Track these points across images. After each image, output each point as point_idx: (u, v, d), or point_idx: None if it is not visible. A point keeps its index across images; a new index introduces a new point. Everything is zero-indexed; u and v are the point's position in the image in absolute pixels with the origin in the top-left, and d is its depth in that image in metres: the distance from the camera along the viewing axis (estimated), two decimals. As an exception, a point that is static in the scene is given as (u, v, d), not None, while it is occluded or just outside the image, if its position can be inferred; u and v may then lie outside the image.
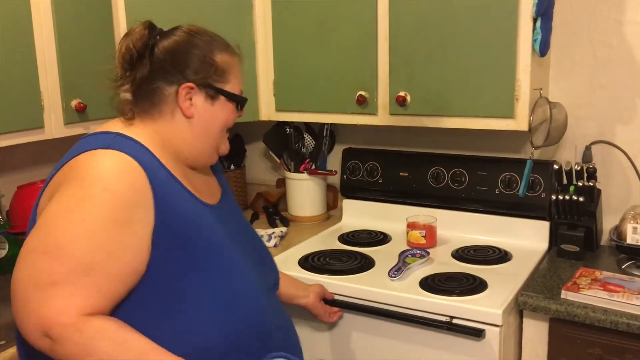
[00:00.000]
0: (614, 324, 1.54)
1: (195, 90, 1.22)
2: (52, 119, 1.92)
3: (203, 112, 1.24)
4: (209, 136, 1.26)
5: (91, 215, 1.03)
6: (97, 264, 1.02)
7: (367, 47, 2.03)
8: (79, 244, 1.02)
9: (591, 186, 1.88)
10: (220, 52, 1.26)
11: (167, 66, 1.20)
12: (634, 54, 1.96)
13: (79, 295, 1.00)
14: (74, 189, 1.06)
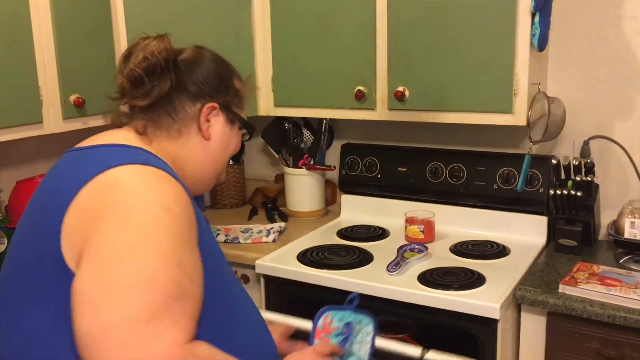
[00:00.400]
0: (612, 317, 1.55)
1: (217, 111, 1.18)
2: (51, 114, 1.92)
3: (221, 135, 1.20)
4: (219, 161, 1.22)
5: (165, 240, 0.93)
6: (185, 289, 0.93)
7: (366, 43, 2.03)
8: (166, 272, 0.91)
9: (589, 181, 1.89)
10: (238, 79, 1.25)
11: (191, 83, 1.16)
12: (632, 49, 1.97)
13: (178, 325, 0.90)
14: (134, 213, 0.94)
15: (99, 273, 0.89)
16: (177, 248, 0.93)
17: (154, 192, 0.97)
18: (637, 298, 1.55)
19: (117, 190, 0.96)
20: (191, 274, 0.95)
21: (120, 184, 0.97)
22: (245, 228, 2.31)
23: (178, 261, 0.93)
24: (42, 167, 2.22)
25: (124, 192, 0.95)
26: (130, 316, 0.87)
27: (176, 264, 0.92)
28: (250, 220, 2.48)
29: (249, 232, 2.25)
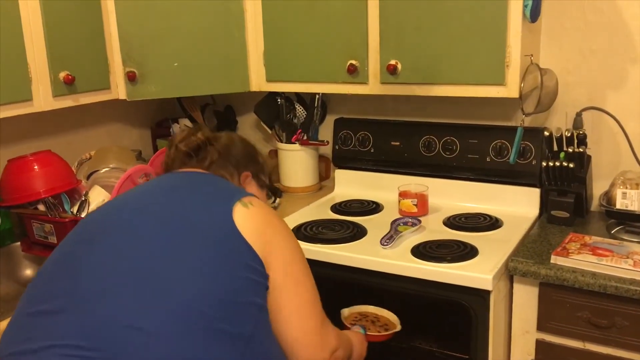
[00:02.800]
0: (603, 287, 1.56)
1: (250, 179, 1.50)
2: (41, 91, 1.90)
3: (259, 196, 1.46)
4: None
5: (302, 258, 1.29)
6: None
7: (357, 15, 2.01)
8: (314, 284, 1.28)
9: (581, 152, 1.89)
10: (261, 156, 1.58)
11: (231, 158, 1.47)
12: (624, 19, 1.95)
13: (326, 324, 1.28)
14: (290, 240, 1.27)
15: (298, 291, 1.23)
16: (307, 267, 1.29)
17: (284, 222, 1.31)
18: (628, 268, 1.57)
19: (281, 220, 1.29)
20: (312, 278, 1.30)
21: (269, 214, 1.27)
22: (239, 204, 2.31)
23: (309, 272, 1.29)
24: (33, 145, 2.21)
25: (277, 223, 1.27)
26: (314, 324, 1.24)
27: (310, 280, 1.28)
28: (244, 196, 2.48)
29: (243, 208, 2.25)
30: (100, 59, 2.10)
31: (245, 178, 1.50)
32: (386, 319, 1.77)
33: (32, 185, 1.97)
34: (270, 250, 1.19)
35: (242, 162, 1.50)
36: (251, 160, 1.53)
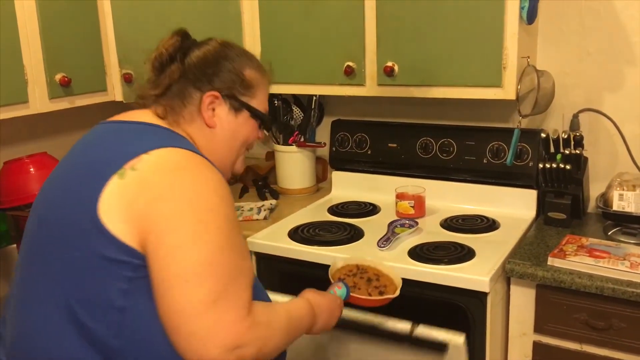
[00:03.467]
0: (600, 289, 1.56)
1: (220, 100, 1.22)
2: (37, 93, 1.90)
3: (226, 124, 1.24)
4: (229, 150, 1.26)
5: (222, 225, 1.03)
6: (240, 267, 1.04)
7: (354, 17, 2.01)
8: (224, 256, 1.02)
9: (578, 154, 1.89)
10: (250, 68, 1.27)
11: (197, 72, 1.22)
12: (621, 21, 1.96)
13: (240, 299, 1.01)
14: (198, 201, 1.03)
15: (167, 261, 0.99)
16: (231, 232, 1.04)
17: (209, 179, 1.06)
18: (625, 269, 1.56)
19: (178, 175, 1.05)
20: (242, 252, 1.07)
21: (179, 169, 1.06)
22: (236, 206, 2.30)
23: (232, 244, 1.04)
24: (30, 147, 2.20)
25: (186, 179, 1.04)
26: (193, 302, 0.97)
27: (230, 246, 1.03)
28: (241, 198, 2.48)
29: (240, 210, 2.25)
30: (96, 60, 2.10)
31: (210, 103, 1.22)
32: (388, 279, 1.55)
33: (28, 187, 1.96)
34: (145, 225, 1.01)
35: (208, 75, 1.22)
36: (221, 68, 1.23)
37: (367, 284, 1.49)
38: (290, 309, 1.18)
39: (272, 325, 1.07)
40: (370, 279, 1.52)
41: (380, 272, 1.55)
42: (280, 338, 1.09)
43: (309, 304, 1.25)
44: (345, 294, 1.39)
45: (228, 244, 1.03)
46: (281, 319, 1.12)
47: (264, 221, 2.17)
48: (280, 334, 1.09)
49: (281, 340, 1.10)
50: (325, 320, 1.27)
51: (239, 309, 1.00)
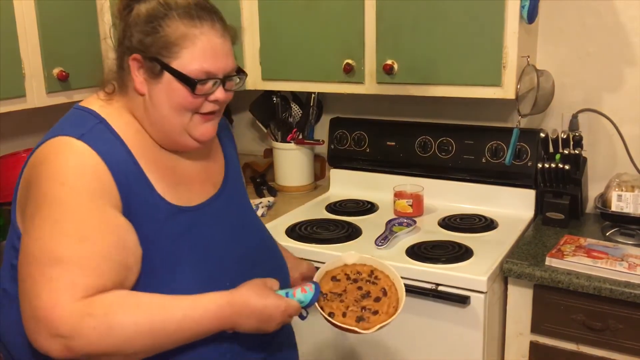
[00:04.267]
0: (597, 289, 1.56)
1: (142, 63, 1.09)
2: (34, 88, 1.88)
3: (151, 90, 1.10)
4: (164, 118, 1.11)
5: (60, 214, 1.00)
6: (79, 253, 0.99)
7: (354, 15, 2.00)
8: (61, 244, 0.98)
9: (577, 154, 1.89)
10: (175, 22, 1.08)
11: (123, 31, 1.11)
12: (621, 21, 1.95)
13: (74, 286, 0.96)
14: (41, 188, 1.02)
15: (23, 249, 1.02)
16: (64, 216, 1.00)
17: (55, 168, 1.02)
18: (622, 270, 1.56)
19: (36, 168, 1.05)
20: (81, 235, 0.99)
21: (39, 162, 1.04)
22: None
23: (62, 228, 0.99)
24: (26, 142, 2.19)
25: (37, 171, 1.04)
26: (22, 289, 0.99)
27: (59, 231, 0.99)
28: (239, 195, 2.47)
29: (238, 207, 2.24)
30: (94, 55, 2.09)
31: (138, 69, 1.10)
32: (392, 303, 1.18)
33: (25, 182, 1.95)
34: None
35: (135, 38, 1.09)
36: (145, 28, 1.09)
37: (359, 298, 1.18)
38: (171, 308, 1.01)
39: (114, 319, 0.96)
40: (370, 293, 1.19)
41: (392, 292, 1.20)
42: (135, 336, 0.97)
43: (224, 304, 1.04)
44: (309, 300, 1.12)
45: (69, 231, 0.99)
46: (139, 316, 0.98)
47: (261, 218, 2.15)
48: (135, 331, 0.97)
49: (138, 340, 0.97)
50: (253, 326, 1.07)
51: (62, 296, 0.95)
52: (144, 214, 1.07)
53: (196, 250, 1.12)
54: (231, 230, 1.21)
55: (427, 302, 1.67)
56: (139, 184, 1.08)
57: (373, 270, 1.24)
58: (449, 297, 1.64)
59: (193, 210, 1.15)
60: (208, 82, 1.10)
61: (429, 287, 1.67)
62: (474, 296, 1.63)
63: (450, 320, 1.67)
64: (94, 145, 1.05)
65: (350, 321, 1.14)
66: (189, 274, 1.09)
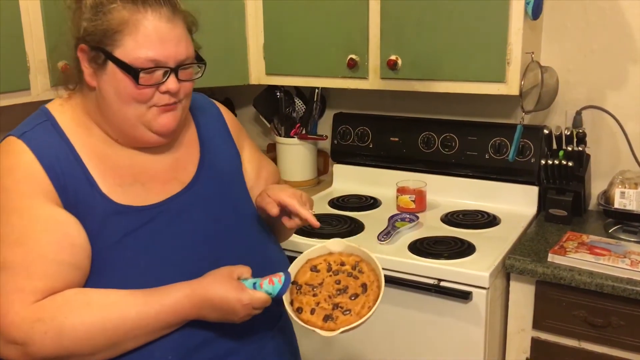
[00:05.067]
0: (599, 286, 1.56)
1: (89, 54, 1.03)
2: (39, 81, 1.89)
3: (99, 82, 1.04)
4: (116, 111, 1.05)
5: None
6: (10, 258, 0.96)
7: (358, 10, 2.00)
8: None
9: (580, 151, 1.89)
10: (118, 8, 1.01)
11: (72, 21, 1.05)
12: (626, 18, 1.95)
13: (8, 292, 0.95)
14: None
15: None
16: (9, 220, 0.98)
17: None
18: (625, 267, 1.56)
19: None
20: (19, 237, 0.97)
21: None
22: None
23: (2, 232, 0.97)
24: (31, 135, 2.19)
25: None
26: None
27: (3, 237, 0.96)
28: (242, 190, 2.47)
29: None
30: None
31: (86, 60, 1.04)
32: (368, 301, 1.07)
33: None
34: None
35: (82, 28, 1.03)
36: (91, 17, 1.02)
37: (334, 294, 1.09)
38: (124, 305, 0.98)
39: (64, 322, 0.94)
40: (347, 288, 1.09)
41: (373, 289, 1.09)
42: (88, 337, 0.95)
43: (182, 297, 1.00)
44: (276, 292, 1.04)
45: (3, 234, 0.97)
46: (90, 315, 0.96)
47: (264, 213, 2.16)
48: (87, 331, 0.95)
49: (92, 340, 0.95)
50: (217, 317, 1.03)
51: (12, 303, 0.94)
52: (84, 211, 1.02)
53: (148, 252, 1.05)
54: (198, 227, 1.12)
55: (429, 298, 1.68)
56: (78, 181, 1.03)
57: (358, 262, 1.14)
58: (451, 292, 1.65)
59: (146, 209, 1.07)
60: (156, 71, 1.03)
61: (431, 283, 1.67)
62: (476, 292, 1.63)
63: (452, 315, 1.67)
64: (30, 143, 1.03)
65: (316, 319, 1.05)
66: (139, 276, 1.04)
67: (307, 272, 1.12)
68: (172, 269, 1.06)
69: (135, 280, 1.03)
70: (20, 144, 1.03)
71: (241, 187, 1.25)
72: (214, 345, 1.08)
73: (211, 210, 1.15)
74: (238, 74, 2.24)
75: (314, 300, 1.07)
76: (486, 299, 1.63)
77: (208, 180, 1.17)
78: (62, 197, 1.01)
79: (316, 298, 1.08)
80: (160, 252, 1.07)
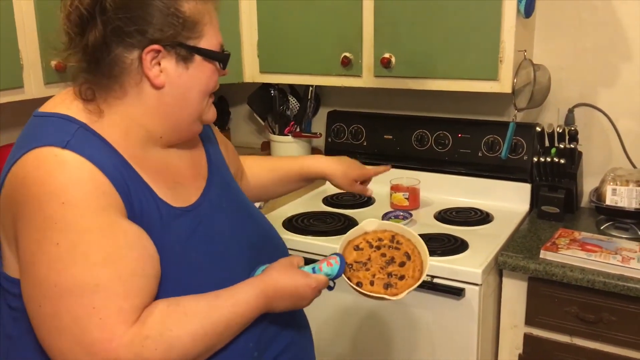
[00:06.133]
0: (591, 282, 1.58)
1: (163, 52, 0.98)
2: (32, 79, 1.89)
3: (177, 79, 1.01)
4: (188, 106, 1.05)
5: (63, 238, 0.90)
6: (102, 277, 0.91)
7: (352, 8, 2.01)
8: (68, 272, 0.90)
9: (572, 148, 1.90)
10: (188, 1, 1.00)
11: (123, 25, 0.96)
12: (618, 17, 1.96)
13: (109, 317, 0.90)
14: (33, 217, 0.91)
15: (24, 286, 0.93)
16: (80, 239, 0.91)
17: (50, 186, 0.91)
18: (616, 263, 1.58)
19: (23, 188, 0.92)
20: (107, 256, 0.91)
21: (24, 181, 0.92)
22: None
23: (82, 253, 0.90)
24: (25, 133, 2.19)
25: (27, 192, 0.91)
26: (55, 327, 0.90)
27: (81, 256, 0.90)
28: (236, 188, 2.48)
29: (235, 199, 2.25)
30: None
31: (152, 60, 0.99)
32: (416, 267, 1.18)
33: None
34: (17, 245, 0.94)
35: (138, 25, 0.96)
36: (150, 12, 0.97)
37: (384, 265, 1.17)
38: (216, 309, 0.99)
39: (171, 335, 0.93)
40: (394, 258, 1.17)
41: (416, 255, 1.19)
42: (193, 345, 0.95)
43: (259, 293, 1.04)
44: (335, 272, 1.12)
45: (78, 255, 0.90)
46: (192, 325, 0.96)
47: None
48: (193, 340, 0.95)
49: (196, 348, 0.96)
50: (288, 306, 1.08)
51: (115, 325, 0.90)
52: (148, 220, 0.99)
53: (207, 249, 1.07)
54: (231, 216, 1.15)
55: (422, 295, 1.69)
56: (139, 190, 1.00)
57: (394, 235, 1.22)
58: (444, 289, 1.66)
59: (193, 209, 1.08)
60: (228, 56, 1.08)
61: (425, 280, 1.67)
62: (469, 288, 1.64)
63: (445, 312, 1.68)
64: (84, 152, 0.94)
65: (379, 289, 1.13)
66: (206, 274, 1.05)
67: (352, 252, 1.19)
68: (230, 260, 1.09)
69: (202, 280, 1.04)
70: (72, 154, 0.93)
71: (229, 171, 1.28)
72: (280, 338, 1.14)
73: (232, 199, 1.20)
74: (232, 72, 2.20)
75: (369, 274, 1.15)
76: (479, 296, 1.64)
77: (217, 170, 1.20)
78: (127, 208, 0.97)
79: (370, 272, 1.15)
80: (218, 249, 1.09)
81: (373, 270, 1.15)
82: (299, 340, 1.21)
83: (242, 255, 1.12)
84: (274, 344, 1.13)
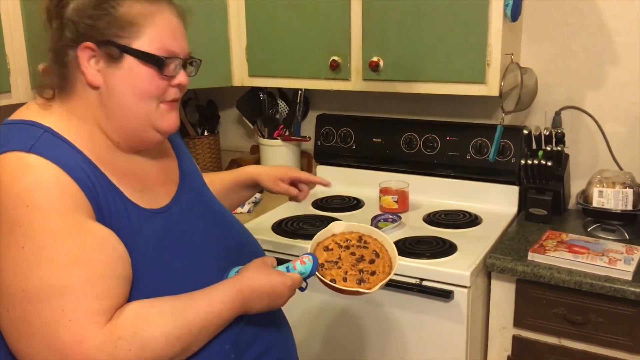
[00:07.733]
0: (578, 284, 1.59)
1: (98, 51, 0.98)
2: (19, 83, 1.88)
3: (111, 80, 1.00)
4: (127, 109, 1.02)
5: (28, 241, 0.89)
6: (69, 279, 0.90)
7: (340, 12, 2.01)
8: (35, 276, 0.89)
9: (559, 151, 1.91)
10: (129, 1, 1.00)
11: (67, 25, 0.98)
12: (604, 20, 1.98)
13: (79, 318, 0.89)
14: (5, 216, 0.90)
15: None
16: (46, 242, 0.90)
17: (14, 190, 0.90)
18: (603, 265, 1.59)
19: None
20: (74, 258, 0.91)
21: None
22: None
23: (48, 256, 0.89)
24: (12, 137, 2.18)
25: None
26: (24, 331, 0.89)
27: (48, 259, 0.89)
28: (226, 191, 2.47)
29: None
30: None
31: (89, 59, 0.99)
32: (385, 264, 1.22)
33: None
34: None
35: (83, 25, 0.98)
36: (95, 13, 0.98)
37: (355, 263, 1.21)
38: (191, 309, 0.99)
39: (144, 335, 0.92)
40: (363, 256, 1.22)
41: (384, 253, 1.24)
42: (168, 346, 0.94)
43: (236, 292, 1.04)
44: (309, 270, 1.14)
45: (42, 259, 0.89)
46: (165, 325, 0.95)
47: (247, 214, 2.17)
48: (167, 340, 0.94)
49: (171, 348, 0.95)
50: (265, 305, 1.08)
51: (85, 327, 0.89)
52: (117, 222, 0.99)
53: (180, 251, 1.07)
54: (205, 221, 1.16)
55: (411, 297, 1.69)
56: (107, 191, 1.00)
57: (361, 236, 1.27)
58: (432, 291, 1.66)
59: (163, 211, 1.08)
60: (173, 61, 1.03)
61: (413, 282, 1.69)
62: (457, 291, 1.65)
63: (434, 314, 1.69)
64: (48, 155, 0.93)
65: (352, 284, 1.16)
66: (179, 276, 1.05)
67: (323, 253, 1.23)
68: (203, 264, 1.10)
69: (174, 281, 1.03)
70: (37, 157, 0.93)
71: (202, 179, 1.28)
72: (259, 341, 1.14)
73: (205, 205, 1.20)
74: (221, 75, 2.24)
75: (341, 271, 1.19)
76: (467, 298, 1.65)
77: (189, 175, 1.21)
78: (95, 210, 0.96)
79: (342, 269, 1.19)
80: (191, 251, 1.09)
81: (345, 268, 1.19)
82: (280, 342, 1.21)
83: (217, 258, 1.13)
84: (254, 346, 1.13)
